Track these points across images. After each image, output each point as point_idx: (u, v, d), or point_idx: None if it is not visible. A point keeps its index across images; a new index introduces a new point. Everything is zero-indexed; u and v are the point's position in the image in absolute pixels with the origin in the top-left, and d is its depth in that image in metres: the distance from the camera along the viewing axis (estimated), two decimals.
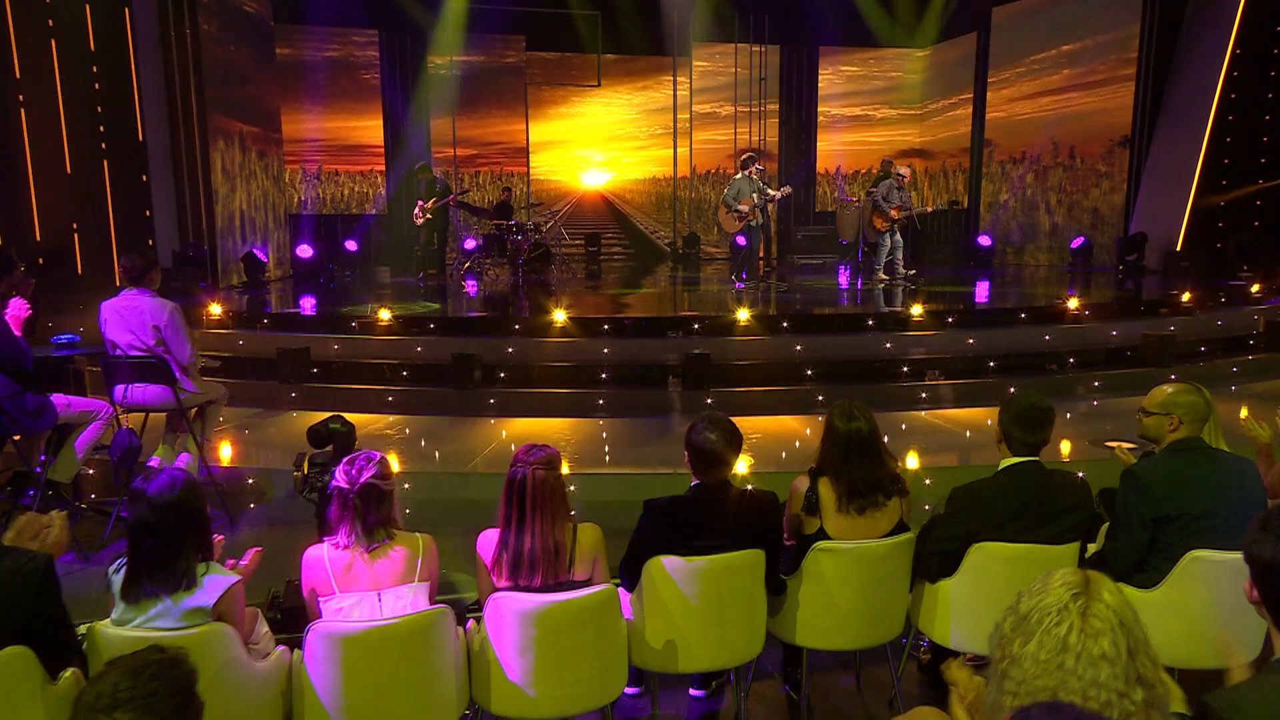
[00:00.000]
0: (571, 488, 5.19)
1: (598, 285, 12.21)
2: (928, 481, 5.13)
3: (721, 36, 17.52)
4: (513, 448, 5.53)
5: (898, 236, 11.23)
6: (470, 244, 14.22)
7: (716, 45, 17.84)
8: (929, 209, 11.46)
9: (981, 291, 11.24)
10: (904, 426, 6.36)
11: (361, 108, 16.18)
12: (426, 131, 16.49)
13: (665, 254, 18.20)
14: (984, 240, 15.54)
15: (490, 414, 6.82)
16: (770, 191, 10.70)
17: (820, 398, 6.83)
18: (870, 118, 18.59)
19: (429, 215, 12.06)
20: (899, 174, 11.10)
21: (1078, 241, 13.77)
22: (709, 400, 6.79)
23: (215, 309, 8.09)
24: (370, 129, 16.37)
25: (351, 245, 15.26)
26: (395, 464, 4.44)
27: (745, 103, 18.05)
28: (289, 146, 15.09)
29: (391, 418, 6.71)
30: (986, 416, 6.55)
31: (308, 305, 10.14)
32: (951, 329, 7.72)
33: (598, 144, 17.98)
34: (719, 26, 17.46)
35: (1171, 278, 11.66)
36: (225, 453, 5.90)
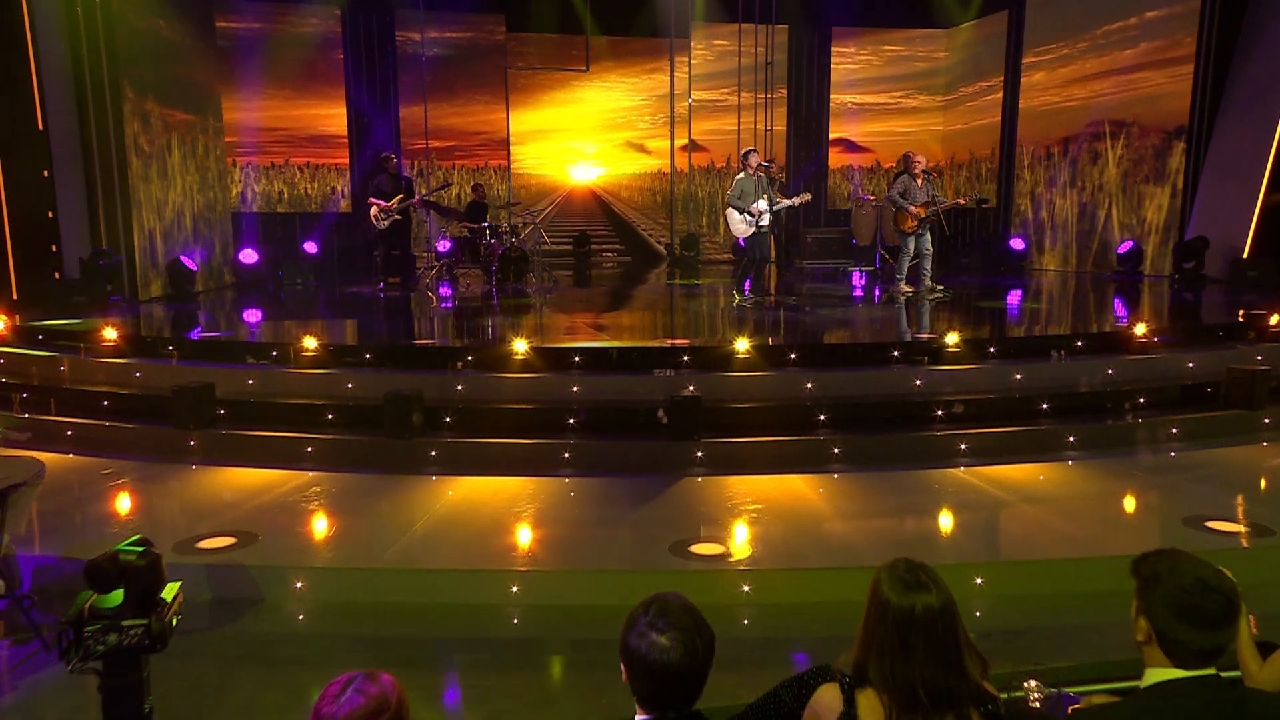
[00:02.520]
0: (515, 588, 4.21)
1: (579, 298, 11.19)
2: (978, 580, 4.11)
3: (724, 16, 16.52)
4: (453, 524, 4.25)
5: (926, 240, 10.22)
6: (445, 246, 13.22)
7: (718, 26, 16.84)
8: (962, 202, 10.44)
9: (1019, 306, 10.21)
10: (938, 490, 5.34)
11: (321, 93, 15.19)
12: (395, 120, 15.49)
13: (661, 257, 17.21)
14: (1016, 244, 14.54)
15: (431, 469, 5.81)
16: (783, 200, 9.71)
17: (836, 450, 5.83)
18: (888, 106, 17.57)
19: (396, 216, 11.07)
20: (916, 163, 10.09)
21: (1125, 246, 12.75)
22: (699, 454, 5.78)
23: (109, 332, 7.07)
24: (332, 117, 15.38)
25: (310, 247, 14.27)
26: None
27: (750, 89, 17.04)
28: (235, 137, 14.10)
29: (310, 474, 5.70)
30: (1041, 476, 5.54)
31: (242, 322, 9.14)
32: (993, 360, 6.70)
33: (588, 135, 16.99)
34: (721, 5, 16.46)
35: (1238, 290, 10.65)
36: (67, 534, 4.88)
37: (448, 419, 6.11)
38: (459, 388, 6.40)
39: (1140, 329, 6.82)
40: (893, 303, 10.04)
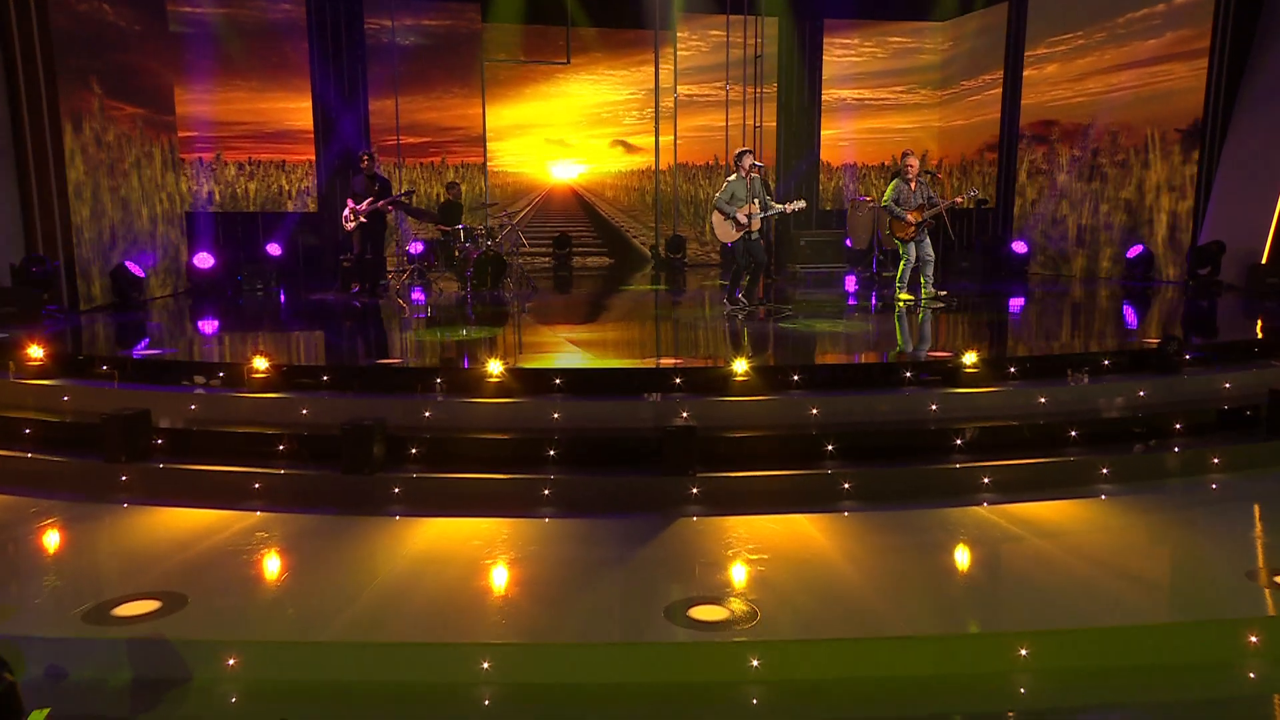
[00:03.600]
0: (485, 664, 3.70)
1: (559, 306, 10.68)
2: (1023, 651, 3.63)
3: (711, 7, 16.05)
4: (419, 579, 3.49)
5: (926, 246, 9.82)
6: (417, 249, 12.70)
7: (705, 16, 16.37)
8: (959, 201, 10.00)
9: (1028, 316, 9.78)
10: (961, 534, 4.86)
11: (285, 84, 14.58)
12: (364, 115, 14.91)
13: (646, 259, 16.73)
14: (1018, 247, 14.16)
15: (395, 508, 5.28)
16: (777, 206, 9.26)
17: (846, 485, 5.34)
18: (884, 102, 17.15)
19: (362, 219, 10.52)
20: (909, 167, 9.68)
21: (1135, 250, 12.38)
22: (694, 490, 5.28)
23: (35, 350, 6.48)
24: (297, 111, 14.78)
25: (274, 249, 13.69)
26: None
27: (738, 84, 16.57)
28: (190, 132, 13.49)
29: (256, 515, 5.15)
30: (1074, 517, 5.08)
31: (189, 336, 8.55)
32: (1013, 382, 6.24)
33: (568, 131, 16.47)
34: None
35: (1257, 298, 10.29)
36: None
37: (413, 450, 5.58)
38: (427, 414, 5.87)
39: (1173, 346, 6.37)
40: (892, 312, 9.61)
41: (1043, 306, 10.43)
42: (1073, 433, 5.77)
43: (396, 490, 5.35)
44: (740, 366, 5.95)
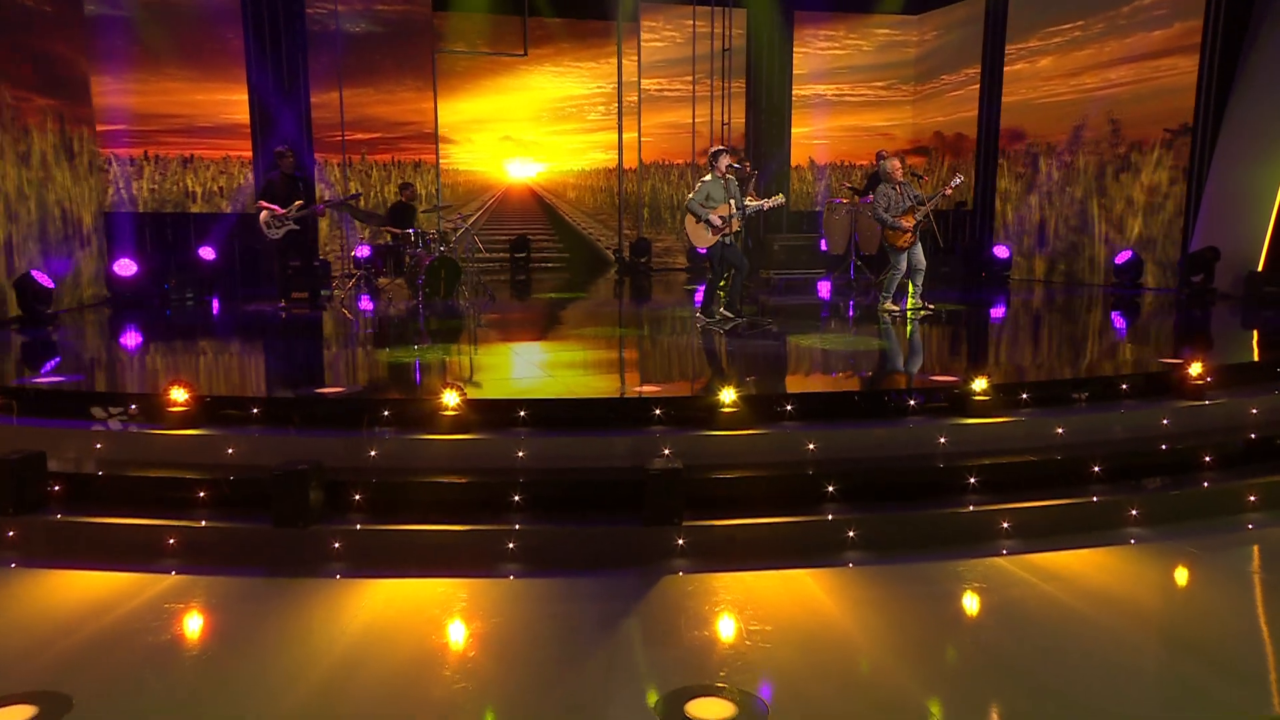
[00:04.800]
0: None
1: (519, 319, 10.07)
2: None
3: None
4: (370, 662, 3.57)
5: (919, 253, 9.43)
6: (364, 253, 12.02)
7: (672, 7, 15.86)
8: (947, 192, 9.56)
9: (1019, 329, 9.38)
10: (984, 592, 4.37)
11: (219, 74, 13.76)
12: (305, 108, 14.15)
13: (609, 263, 16.17)
14: (1000, 251, 13.83)
15: (335, 567, 4.65)
16: (753, 201, 8.76)
17: (851, 533, 4.83)
18: (857, 99, 16.76)
19: (292, 225, 9.80)
20: (895, 171, 9.30)
21: (1124, 256, 12.09)
22: (680, 541, 4.73)
23: None
24: (232, 104, 13.97)
25: (207, 253, 12.91)
26: None
27: (706, 79, 16.09)
28: (111, 125, 12.65)
29: (170, 579, 4.50)
30: (1106, 568, 4.61)
31: (100, 358, 7.80)
32: (1026, 410, 5.79)
33: (526, 128, 15.85)
34: None
35: (1254, 307, 10.02)
36: None
37: (357, 496, 4.95)
38: (372, 453, 5.24)
39: (1196, 368, 5.96)
40: (877, 324, 9.18)
41: (1035, 318, 10.05)
42: (1095, 468, 5.31)
43: (337, 545, 4.72)
44: (728, 396, 5.40)
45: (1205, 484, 5.40)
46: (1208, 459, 5.51)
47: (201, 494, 5.00)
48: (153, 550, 4.71)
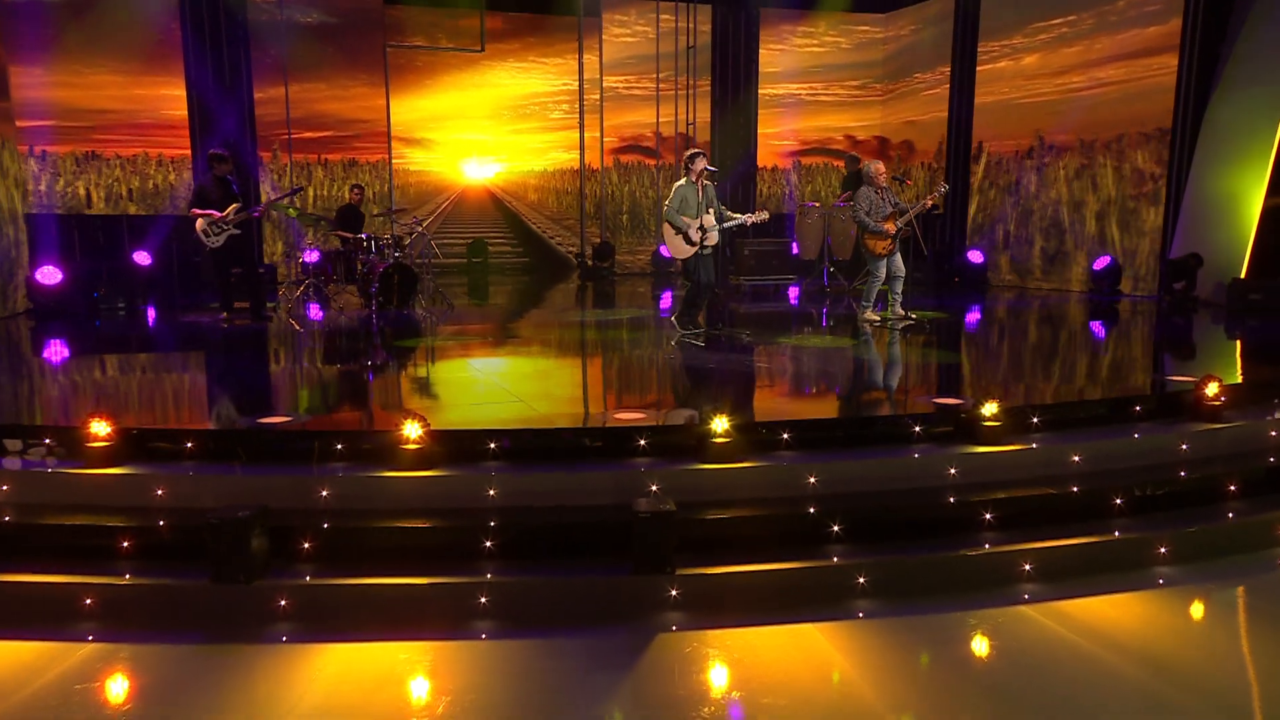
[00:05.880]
0: None
1: (480, 331, 9.52)
2: None
3: None
4: None
5: (898, 260, 9.09)
6: (313, 257, 11.38)
7: (636, 3, 15.41)
8: (929, 202, 9.18)
9: (1005, 341, 9.07)
10: (1013, 649, 3.96)
11: (155, 66, 13.01)
12: (248, 104, 13.45)
13: (571, 266, 15.68)
14: (974, 256, 13.58)
15: (281, 629, 4.10)
16: (736, 216, 8.35)
17: (861, 579, 4.39)
18: (829, 98, 16.44)
19: (232, 230, 9.16)
20: (878, 175, 8.95)
21: (1102, 262, 11.88)
22: (674, 592, 4.26)
23: None
24: (168, 99, 13.23)
25: (142, 258, 12.17)
26: None
27: (670, 77, 15.67)
28: (38, 121, 11.85)
29: (87, 648, 3.91)
30: (1149, 619, 4.23)
31: (8, 382, 7.10)
32: (1038, 436, 5.41)
33: (483, 127, 15.29)
34: None
35: (1239, 315, 9.82)
36: None
37: (306, 545, 4.41)
38: (324, 492, 4.69)
39: (1212, 388, 5.63)
40: (858, 336, 8.81)
41: (1021, 329, 9.74)
42: (1116, 500, 4.94)
43: (284, 603, 4.17)
44: (719, 425, 4.94)
45: (1230, 514, 5.07)
46: (1232, 488, 5.17)
47: (126, 544, 4.41)
48: (66, 613, 4.11)
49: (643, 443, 5.01)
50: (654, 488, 4.71)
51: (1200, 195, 10.90)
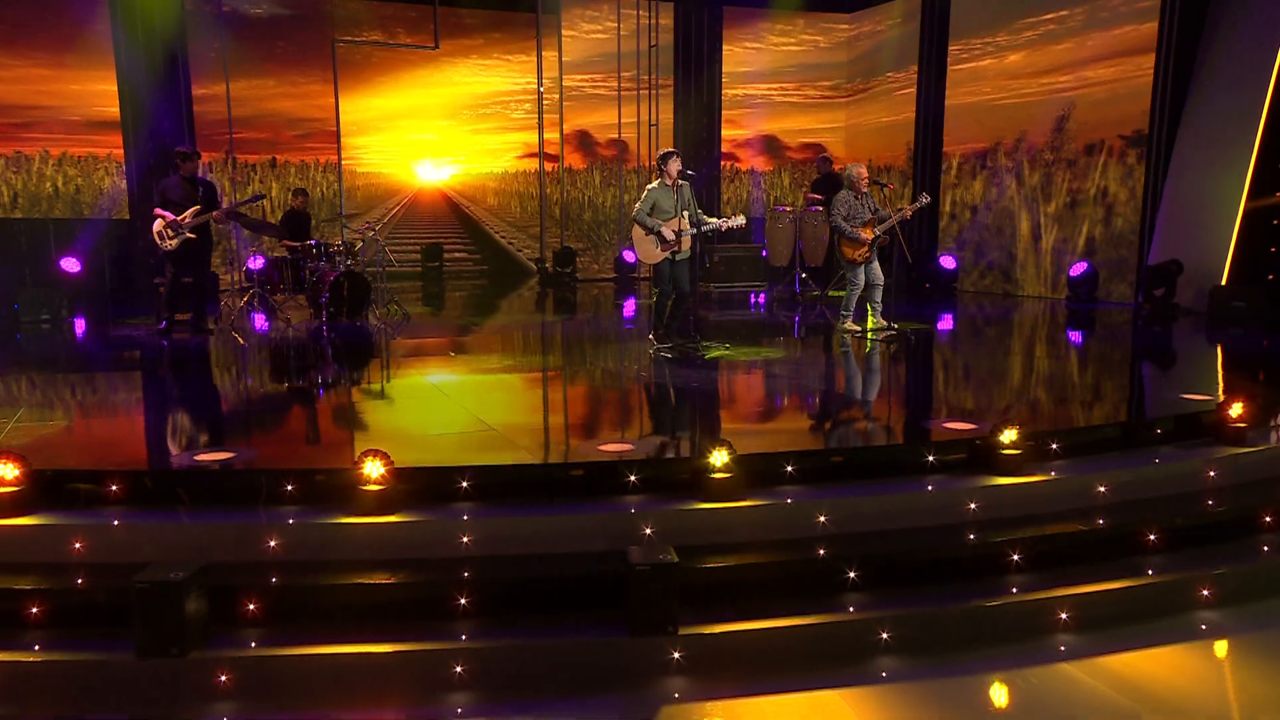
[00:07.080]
0: None
1: (439, 345, 8.92)
2: None
3: None
4: None
5: (876, 268, 8.72)
6: (257, 264, 10.70)
7: (596, 2, 14.92)
8: (910, 212, 8.76)
9: (991, 353, 8.71)
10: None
11: (80, 60, 12.19)
12: (185, 101, 12.67)
13: (530, 272, 15.12)
14: (947, 262, 13.29)
15: (223, 712, 3.52)
16: (712, 220, 7.88)
17: (884, 635, 3.93)
18: (792, 100, 16.08)
19: (189, 234, 8.48)
20: (860, 179, 8.57)
21: (1079, 268, 11.64)
22: (676, 654, 3.75)
23: None
24: (97, 95, 12.41)
25: (71, 265, 11.37)
26: None
27: (631, 77, 15.19)
28: None
29: None
30: (1192, 672, 3.83)
31: None
32: (1059, 464, 5.00)
33: (437, 127, 14.66)
34: None
35: (1221, 323, 9.60)
36: None
37: (251, 606, 3.81)
38: (272, 543, 4.10)
39: (1236, 409, 5.28)
40: (836, 348, 8.41)
41: (1002, 340, 9.39)
42: (1150, 536, 4.54)
43: (225, 678, 3.57)
44: (718, 459, 4.44)
45: (1265, 548, 4.70)
46: (1268, 519, 4.81)
47: (35, 610, 3.77)
48: None
49: (633, 479, 4.49)
50: (648, 531, 4.21)
51: (1179, 199, 10.69)
